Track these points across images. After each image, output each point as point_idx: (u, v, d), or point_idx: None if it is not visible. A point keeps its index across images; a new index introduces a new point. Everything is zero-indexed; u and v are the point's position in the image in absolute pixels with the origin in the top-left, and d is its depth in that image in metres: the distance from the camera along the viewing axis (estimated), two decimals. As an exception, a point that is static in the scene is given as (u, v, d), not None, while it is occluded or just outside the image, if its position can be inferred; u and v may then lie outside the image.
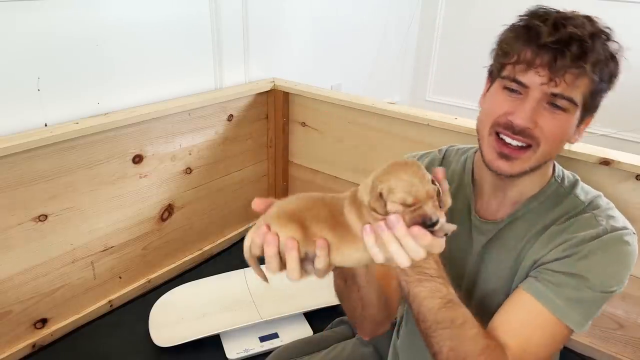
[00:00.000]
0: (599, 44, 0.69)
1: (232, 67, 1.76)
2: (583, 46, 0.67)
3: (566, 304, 0.74)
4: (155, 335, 1.37)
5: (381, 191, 0.58)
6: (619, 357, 1.39)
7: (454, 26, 2.77)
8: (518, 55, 0.71)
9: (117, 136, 1.40)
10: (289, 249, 0.62)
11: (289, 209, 0.66)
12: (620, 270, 0.75)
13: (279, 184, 2.00)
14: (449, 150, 0.96)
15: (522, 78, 0.71)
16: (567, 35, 0.67)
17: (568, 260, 0.75)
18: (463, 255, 0.87)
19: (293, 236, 0.62)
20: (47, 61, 1.27)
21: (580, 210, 0.78)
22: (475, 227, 0.85)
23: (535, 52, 0.69)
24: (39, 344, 1.38)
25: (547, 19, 0.69)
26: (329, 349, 1.11)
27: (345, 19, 2.28)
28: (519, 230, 0.82)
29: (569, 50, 0.67)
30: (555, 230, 0.78)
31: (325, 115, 1.78)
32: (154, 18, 1.47)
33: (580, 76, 0.69)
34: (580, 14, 0.72)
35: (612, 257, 0.74)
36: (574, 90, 0.70)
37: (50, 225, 1.32)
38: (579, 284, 0.74)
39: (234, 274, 1.62)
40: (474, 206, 0.86)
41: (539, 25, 0.69)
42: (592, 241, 0.74)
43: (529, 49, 0.70)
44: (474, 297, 0.88)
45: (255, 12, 1.77)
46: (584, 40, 0.67)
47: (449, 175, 0.91)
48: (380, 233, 0.57)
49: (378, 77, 2.66)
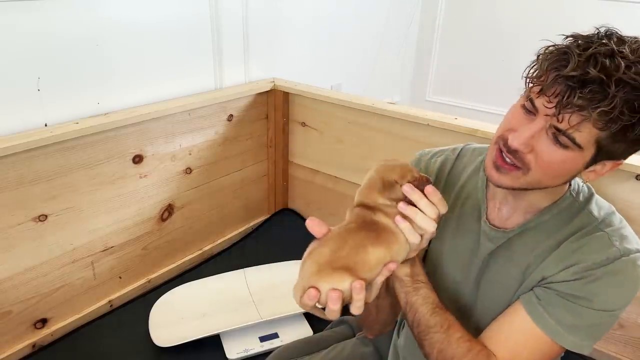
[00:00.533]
0: (623, 92, 0.61)
1: (232, 67, 1.76)
2: (597, 91, 0.62)
3: (565, 328, 0.74)
4: (155, 335, 1.37)
5: (394, 180, 0.72)
6: (619, 357, 1.39)
7: (454, 26, 2.77)
8: (541, 76, 0.67)
9: (117, 136, 1.40)
10: (350, 297, 0.68)
11: (325, 259, 0.70)
12: (626, 293, 0.74)
13: (279, 184, 2.00)
14: (464, 149, 0.92)
15: (536, 100, 0.68)
16: (588, 74, 0.62)
17: (576, 283, 0.74)
18: (469, 257, 0.86)
19: (342, 286, 0.67)
20: (47, 61, 1.27)
21: (593, 227, 0.76)
22: (484, 232, 0.83)
23: (555, 79, 0.65)
24: (39, 344, 1.38)
25: (588, 49, 0.63)
26: (329, 349, 1.10)
27: (345, 19, 2.29)
28: (529, 242, 0.80)
29: (581, 91, 0.62)
30: (568, 248, 0.76)
31: (325, 115, 1.79)
32: (154, 18, 1.47)
33: (586, 121, 0.63)
34: None
35: (622, 281, 0.73)
36: (579, 132, 0.65)
37: (50, 225, 1.32)
38: (581, 305, 0.73)
39: (234, 274, 1.62)
40: (485, 210, 0.84)
41: (572, 54, 0.64)
42: (603, 266, 0.73)
43: (552, 73, 0.65)
44: (477, 303, 0.87)
45: (256, 12, 1.77)
46: (602, 84, 0.61)
47: (462, 176, 0.89)
48: (405, 210, 0.70)
49: (378, 77, 2.66)
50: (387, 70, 2.75)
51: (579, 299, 0.74)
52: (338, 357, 1.07)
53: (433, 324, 0.76)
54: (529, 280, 0.79)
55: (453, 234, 0.88)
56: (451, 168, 0.90)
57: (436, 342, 0.75)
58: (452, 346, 0.75)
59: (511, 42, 2.56)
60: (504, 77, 2.57)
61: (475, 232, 0.85)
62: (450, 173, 0.90)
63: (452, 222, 0.88)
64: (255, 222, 1.98)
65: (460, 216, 0.87)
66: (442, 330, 0.75)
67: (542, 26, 2.44)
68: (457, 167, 0.90)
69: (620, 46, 0.63)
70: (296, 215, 2.01)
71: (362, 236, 0.69)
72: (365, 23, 2.44)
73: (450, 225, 0.88)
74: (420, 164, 0.93)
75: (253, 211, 1.97)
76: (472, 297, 0.87)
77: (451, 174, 0.90)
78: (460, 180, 0.88)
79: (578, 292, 0.74)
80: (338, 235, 0.71)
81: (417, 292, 0.76)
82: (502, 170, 0.73)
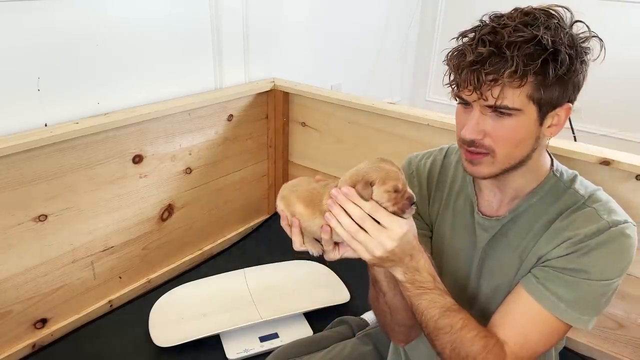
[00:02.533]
0: (517, 50, 0.69)
1: (232, 67, 1.76)
2: (498, 60, 0.69)
3: (566, 303, 0.76)
4: (155, 335, 1.37)
5: (373, 181, 0.71)
6: (619, 357, 1.39)
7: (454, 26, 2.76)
8: (454, 76, 0.75)
9: (117, 136, 1.40)
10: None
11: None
12: (621, 262, 0.76)
13: (279, 184, 1.99)
14: (450, 148, 0.96)
15: (462, 95, 0.75)
16: (482, 53, 0.70)
17: (570, 257, 0.76)
18: (468, 251, 0.89)
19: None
20: (47, 61, 1.27)
21: (580, 204, 0.79)
22: (479, 224, 0.87)
23: (463, 71, 0.72)
24: (39, 344, 1.38)
25: (475, 37, 0.73)
26: (329, 349, 1.11)
27: (345, 19, 2.29)
28: (522, 227, 0.83)
29: (484, 67, 0.69)
30: (558, 226, 0.79)
31: (325, 115, 1.79)
32: (154, 18, 1.47)
33: (505, 87, 0.70)
34: (524, 11, 0.73)
35: (614, 250, 0.76)
36: (507, 98, 0.71)
37: (50, 225, 1.32)
38: (578, 278, 0.75)
39: (234, 274, 1.62)
40: (476, 203, 0.88)
41: (465, 47, 0.73)
42: (594, 237, 0.75)
43: (458, 71, 0.73)
44: (481, 292, 0.89)
45: (256, 12, 1.77)
46: (499, 53, 0.69)
47: (452, 174, 0.93)
48: (329, 214, 0.73)
49: (378, 77, 2.66)
50: (387, 70, 2.75)
51: (576, 271, 0.76)
52: (338, 356, 1.08)
53: (442, 326, 0.76)
54: (526, 263, 0.82)
55: (451, 232, 0.91)
56: (440, 168, 0.94)
57: (447, 342, 0.77)
58: (465, 345, 0.76)
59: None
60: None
61: (470, 225, 0.88)
62: (440, 172, 0.94)
63: (449, 217, 0.91)
64: (255, 222, 1.98)
65: (455, 213, 0.91)
66: (453, 332, 0.76)
67: (542, 26, 2.44)
68: (445, 166, 0.94)
69: (499, 20, 0.73)
70: (296, 215, 2.01)
71: (306, 195, 0.76)
72: (365, 23, 2.44)
73: (447, 220, 0.92)
74: (411, 166, 0.97)
75: (253, 211, 1.97)
76: (475, 288, 0.89)
77: (441, 173, 0.94)
78: (450, 177, 0.92)
79: (574, 264, 0.76)
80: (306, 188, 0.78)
81: (421, 297, 0.77)
82: (475, 162, 0.78)
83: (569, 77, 0.72)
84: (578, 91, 0.76)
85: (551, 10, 0.73)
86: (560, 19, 0.73)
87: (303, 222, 0.75)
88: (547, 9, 0.73)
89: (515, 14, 0.73)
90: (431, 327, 0.77)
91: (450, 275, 0.91)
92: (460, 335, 0.76)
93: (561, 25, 0.72)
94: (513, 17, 0.72)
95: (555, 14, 0.73)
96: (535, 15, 0.72)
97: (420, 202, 0.93)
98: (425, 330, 0.79)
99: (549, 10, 0.73)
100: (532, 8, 0.73)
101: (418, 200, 0.88)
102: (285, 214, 0.77)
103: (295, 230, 0.76)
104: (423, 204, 0.94)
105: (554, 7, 0.74)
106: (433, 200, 0.94)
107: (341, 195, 0.70)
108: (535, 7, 0.73)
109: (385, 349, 1.07)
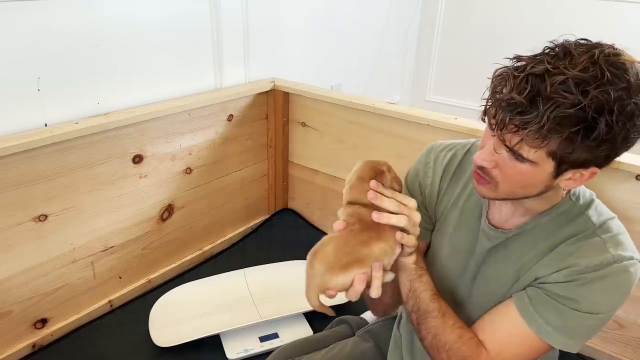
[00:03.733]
0: (550, 111, 0.62)
1: (232, 67, 1.76)
2: (526, 113, 0.63)
3: (554, 328, 0.76)
4: (155, 335, 1.37)
5: (383, 169, 0.78)
6: (619, 357, 1.39)
7: (454, 26, 2.77)
8: (488, 99, 0.70)
9: (117, 136, 1.40)
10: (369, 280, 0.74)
11: (331, 258, 0.75)
12: (614, 299, 0.75)
13: (279, 184, 2.00)
14: (474, 145, 0.92)
15: (488, 119, 0.71)
16: (514, 99, 0.64)
17: (567, 285, 0.75)
18: (467, 252, 0.88)
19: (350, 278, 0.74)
20: (47, 61, 1.27)
21: (590, 232, 0.77)
22: (483, 231, 0.85)
23: (494, 103, 0.68)
24: (39, 344, 1.38)
25: (524, 70, 0.65)
26: (329, 347, 1.11)
27: (345, 19, 2.29)
28: (526, 243, 0.81)
29: (512, 114, 0.64)
30: (562, 251, 0.78)
31: (325, 115, 1.79)
32: (154, 18, 1.47)
33: (524, 140, 0.65)
34: (593, 58, 0.63)
35: (610, 287, 0.74)
36: (524, 150, 0.67)
37: (50, 225, 1.32)
38: (568, 307, 0.75)
39: (234, 274, 1.62)
40: (486, 210, 0.86)
41: (509, 78, 0.66)
42: (595, 271, 0.74)
43: (493, 96, 0.69)
44: (472, 298, 0.89)
45: (256, 12, 1.77)
46: (532, 105, 0.63)
47: (469, 172, 0.90)
48: (382, 203, 0.74)
49: (378, 77, 2.66)
50: (387, 70, 2.76)
51: (568, 300, 0.75)
52: (339, 355, 1.07)
53: (431, 309, 0.80)
54: (523, 279, 0.81)
55: (455, 228, 0.90)
56: (459, 163, 0.92)
57: (432, 327, 0.80)
58: (446, 332, 0.79)
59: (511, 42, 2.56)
60: (504, 77, 2.57)
61: (475, 229, 0.87)
62: (458, 167, 0.92)
63: (455, 216, 0.90)
64: (255, 222, 1.98)
65: (463, 211, 0.89)
66: (439, 316, 0.80)
67: (542, 26, 2.45)
68: (464, 163, 0.91)
69: (560, 61, 0.64)
70: (296, 215, 2.01)
71: (366, 236, 0.74)
72: (365, 23, 2.44)
73: (453, 219, 0.91)
74: (430, 155, 0.95)
75: (253, 211, 1.97)
76: (467, 290, 0.89)
77: (459, 168, 0.92)
78: (467, 176, 0.90)
79: (567, 293, 0.75)
80: (339, 236, 0.75)
81: (420, 279, 0.81)
82: (479, 183, 0.77)
83: (602, 148, 0.65)
84: (612, 159, 0.69)
85: (625, 65, 0.64)
86: (628, 84, 0.63)
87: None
88: (621, 65, 0.64)
89: (581, 59, 0.63)
90: (422, 310, 0.81)
91: (443, 273, 0.91)
92: (443, 322, 0.80)
93: (621, 95, 0.62)
94: (575, 64, 0.63)
95: (624, 75, 0.63)
96: (597, 74, 0.62)
97: (428, 193, 0.93)
98: (414, 315, 0.83)
99: (622, 66, 0.64)
100: (604, 56, 0.63)
101: (425, 192, 0.93)
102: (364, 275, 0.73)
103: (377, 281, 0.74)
104: (432, 195, 0.93)
105: (627, 60, 0.64)
106: (443, 195, 0.92)
107: (373, 193, 0.74)
108: (610, 56, 0.64)
109: (385, 345, 1.08)
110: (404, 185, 0.96)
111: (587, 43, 0.66)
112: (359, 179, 0.77)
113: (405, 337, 1.01)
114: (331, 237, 0.75)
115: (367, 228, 0.74)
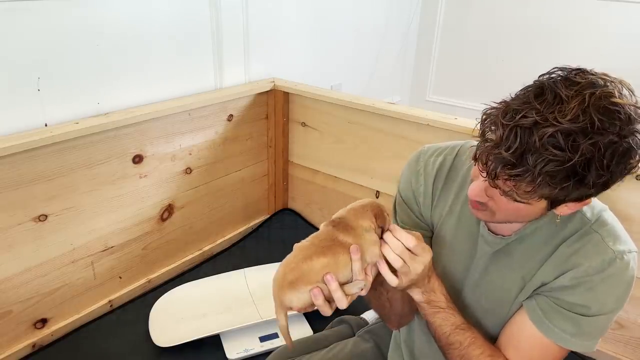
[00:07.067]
0: (541, 166, 0.60)
1: (232, 67, 1.76)
2: (516, 166, 0.62)
3: (571, 334, 0.78)
4: (155, 335, 1.37)
5: (386, 214, 0.79)
6: (619, 357, 1.39)
7: (454, 26, 2.77)
8: (479, 140, 0.68)
9: (117, 136, 1.40)
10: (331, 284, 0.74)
11: (279, 276, 0.78)
12: (621, 295, 0.78)
13: (279, 184, 2.00)
14: (462, 148, 0.91)
15: (480, 164, 0.68)
16: (502, 154, 0.62)
17: (574, 291, 0.77)
18: (468, 258, 0.87)
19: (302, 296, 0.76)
20: (47, 61, 1.27)
21: (587, 228, 0.78)
22: (483, 236, 0.85)
23: (484, 149, 0.65)
24: (39, 344, 1.38)
25: (513, 119, 0.62)
26: (330, 347, 1.10)
27: (345, 19, 2.29)
28: (528, 248, 0.82)
29: (503, 167, 0.63)
30: (564, 251, 0.78)
31: (325, 115, 1.79)
32: (154, 18, 1.47)
33: (515, 188, 0.65)
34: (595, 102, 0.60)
35: (616, 284, 0.77)
36: (517, 194, 0.66)
37: (50, 225, 1.32)
38: (580, 314, 0.77)
39: (234, 274, 1.62)
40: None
41: (498, 126, 0.64)
42: (599, 273, 0.75)
43: (483, 142, 0.66)
44: (477, 304, 0.88)
45: (256, 11, 1.77)
46: (522, 159, 0.61)
47: (461, 175, 0.88)
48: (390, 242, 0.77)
49: (378, 77, 2.66)
50: (387, 70, 2.75)
51: (578, 307, 0.77)
52: (339, 355, 1.07)
53: (452, 342, 0.82)
54: (529, 285, 0.82)
55: (452, 234, 0.89)
56: (450, 168, 0.90)
57: (456, 356, 0.82)
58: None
59: (511, 42, 2.56)
60: (504, 77, 2.57)
61: (474, 234, 0.86)
62: (449, 173, 0.90)
63: (452, 222, 0.89)
64: (255, 222, 1.98)
65: (460, 216, 0.88)
66: (462, 348, 0.82)
67: (542, 26, 2.45)
68: (455, 167, 0.90)
69: (550, 108, 0.61)
70: (296, 215, 2.01)
71: (311, 251, 0.75)
72: (365, 23, 2.44)
73: (450, 225, 0.89)
74: (420, 162, 0.93)
75: (253, 211, 1.97)
76: (472, 296, 0.89)
77: (450, 173, 0.90)
78: (459, 180, 0.89)
79: (576, 300, 0.77)
80: (290, 254, 0.78)
81: (435, 315, 0.83)
82: (476, 209, 0.77)
83: (596, 187, 0.65)
84: (608, 188, 0.68)
85: (617, 106, 0.61)
86: (619, 129, 0.61)
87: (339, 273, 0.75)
88: (613, 108, 0.61)
89: (571, 106, 0.60)
90: (443, 341, 0.83)
91: (444, 279, 0.89)
92: (468, 352, 0.81)
93: (612, 140, 0.60)
94: (564, 113, 0.60)
95: (615, 122, 0.61)
96: (586, 125, 0.59)
97: (422, 201, 0.92)
98: (438, 343, 0.85)
99: (614, 110, 0.61)
100: (596, 100, 0.60)
101: (419, 201, 0.92)
102: (318, 286, 0.74)
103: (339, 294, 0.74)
104: (426, 203, 0.92)
105: (618, 102, 0.61)
106: (438, 201, 0.91)
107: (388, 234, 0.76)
108: (601, 100, 0.61)
109: (385, 345, 1.08)
110: (397, 195, 0.96)
111: (580, 81, 0.63)
112: (363, 207, 0.79)
113: (405, 337, 1.01)
114: (288, 256, 0.78)
115: (323, 246, 0.75)
